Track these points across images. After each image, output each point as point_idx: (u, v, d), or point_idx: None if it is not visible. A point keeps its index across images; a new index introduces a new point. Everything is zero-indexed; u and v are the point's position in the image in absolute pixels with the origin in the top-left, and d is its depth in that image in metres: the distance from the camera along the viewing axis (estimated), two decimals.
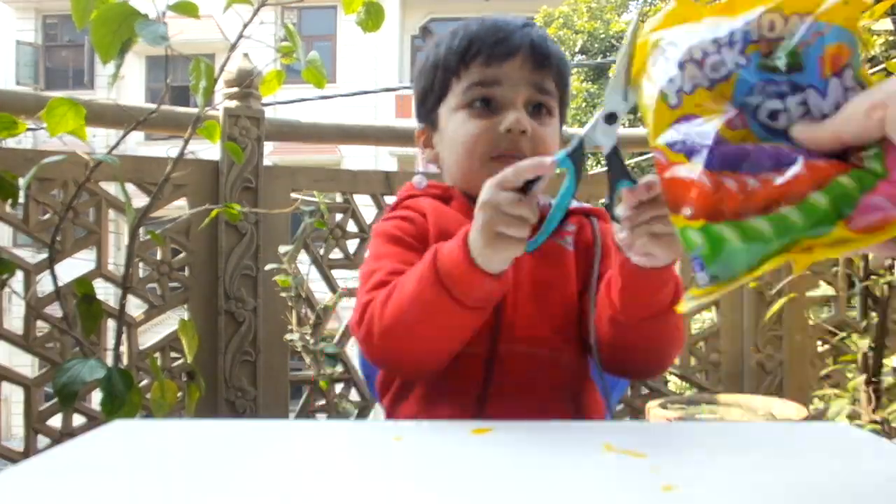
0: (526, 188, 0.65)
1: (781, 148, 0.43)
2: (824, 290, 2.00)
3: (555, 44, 0.93)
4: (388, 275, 0.81)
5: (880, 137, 0.39)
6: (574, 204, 0.92)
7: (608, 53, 9.39)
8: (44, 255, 1.51)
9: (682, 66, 0.46)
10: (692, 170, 0.45)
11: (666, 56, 0.47)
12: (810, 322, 2.12)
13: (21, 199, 1.41)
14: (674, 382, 3.32)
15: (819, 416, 2.00)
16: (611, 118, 0.64)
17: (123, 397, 1.19)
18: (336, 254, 1.98)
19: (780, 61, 0.43)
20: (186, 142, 1.41)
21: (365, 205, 1.99)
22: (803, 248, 0.42)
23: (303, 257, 1.93)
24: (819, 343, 2.14)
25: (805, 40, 0.42)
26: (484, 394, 0.83)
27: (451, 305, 0.72)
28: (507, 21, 0.91)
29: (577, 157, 0.65)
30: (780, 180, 0.42)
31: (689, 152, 0.45)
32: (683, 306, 0.48)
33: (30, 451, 1.65)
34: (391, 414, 0.91)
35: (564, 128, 1.01)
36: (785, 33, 0.43)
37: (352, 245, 2.00)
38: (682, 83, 0.46)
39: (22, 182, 1.26)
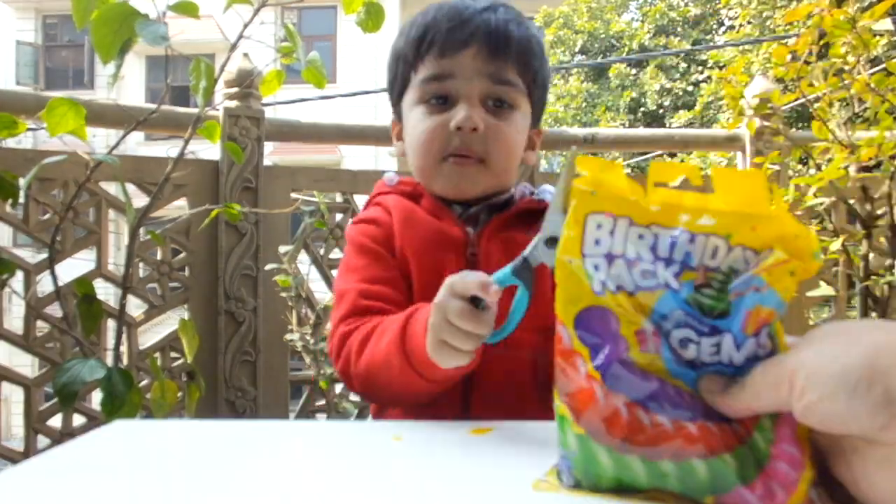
0: (476, 301, 0.64)
1: (685, 394, 0.40)
2: (824, 290, 2.00)
3: (521, 26, 0.87)
4: (358, 297, 0.82)
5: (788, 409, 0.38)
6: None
7: (608, 53, 9.40)
8: (44, 255, 1.51)
9: (610, 259, 0.42)
10: (590, 376, 0.42)
11: (598, 237, 0.42)
12: (810, 322, 2.12)
13: (21, 199, 1.41)
14: None
15: None
16: (551, 242, 0.62)
17: (123, 397, 1.19)
18: (336, 254, 1.98)
19: (710, 304, 0.40)
20: (186, 142, 1.41)
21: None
22: (675, 498, 0.40)
23: (303, 257, 1.93)
24: None
25: (740, 290, 0.39)
26: (467, 396, 0.82)
27: (417, 378, 0.71)
28: (467, 5, 0.85)
29: (524, 272, 0.64)
30: (669, 429, 0.40)
31: (593, 353, 0.42)
32: (537, 486, 0.45)
33: (30, 451, 1.65)
34: (378, 417, 0.90)
35: (565, 128, 0.99)
36: (724, 264, 0.40)
37: None
38: (606, 277, 0.42)
39: (22, 182, 1.26)
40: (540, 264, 0.64)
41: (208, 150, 1.69)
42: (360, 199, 1.99)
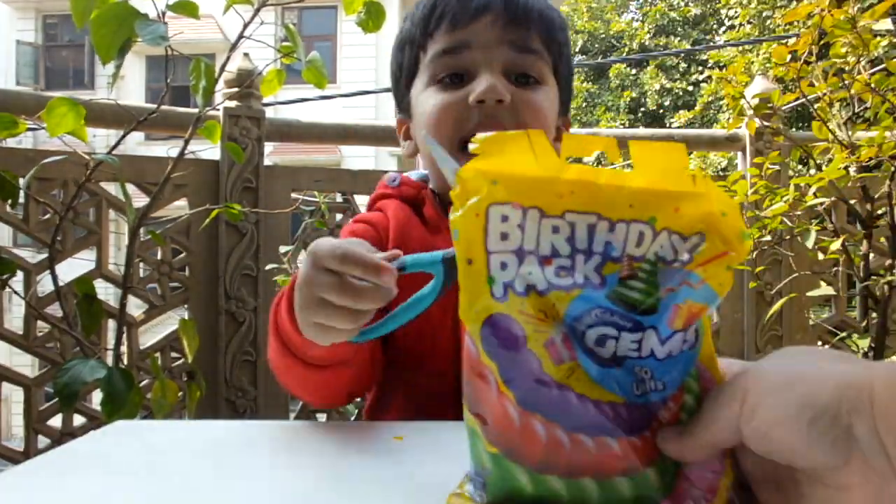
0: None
1: (606, 407, 0.36)
2: (824, 290, 2.00)
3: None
4: None
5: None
6: None
7: (608, 53, 9.39)
8: (44, 255, 1.51)
9: (522, 256, 0.36)
10: (502, 393, 0.37)
11: (505, 231, 0.36)
12: (810, 322, 2.12)
13: (21, 199, 1.41)
14: None
15: None
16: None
17: (124, 397, 1.19)
18: None
19: (638, 298, 0.36)
20: (187, 142, 1.41)
21: (365, 205, 1.99)
22: None
23: (303, 257, 1.93)
24: (819, 343, 2.14)
25: (672, 287, 0.35)
26: (459, 411, 0.80)
27: (303, 367, 0.62)
28: None
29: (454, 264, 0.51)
30: (591, 448, 0.36)
31: (502, 369, 0.37)
32: (450, 501, 0.40)
33: (30, 451, 1.65)
34: (371, 419, 0.85)
35: (570, 129, 0.90)
36: (650, 252, 0.36)
37: None
38: (515, 277, 0.36)
39: (22, 182, 1.26)
40: None
41: (209, 150, 1.69)
42: (360, 199, 1.99)
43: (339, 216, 1.97)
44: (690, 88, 8.56)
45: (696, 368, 0.38)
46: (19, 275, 1.50)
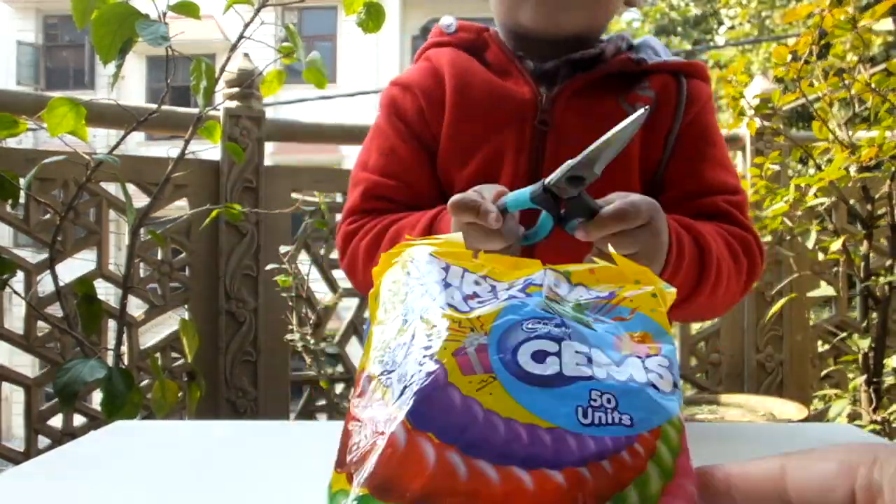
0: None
1: (523, 429, 0.28)
2: (825, 290, 2.00)
3: None
4: (364, 196, 0.79)
5: None
6: (662, 57, 0.77)
7: None
8: (44, 255, 1.51)
9: (445, 284, 0.35)
10: (387, 416, 0.30)
11: (428, 268, 0.36)
12: (811, 322, 2.12)
13: (22, 199, 1.41)
14: None
15: (819, 416, 2.00)
16: (575, 180, 0.52)
17: (124, 397, 1.19)
18: (336, 254, 1.98)
19: (568, 312, 0.33)
20: (187, 142, 1.41)
21: None
22: None
23: (303, 257, 1.93)
24: (819, 343, 2.14)
25: (598, 318, 0.34)
26: None
27: None
28: None
29: (546, 201, 0.52)
30: (494, 480, 0.27)
31: (395, 388, 0.31)
32: None
33: (30, 451, 1.65)
34: None
35: None
36: (569, 297, 0.35)
37: None
38: (434, 298, 0.34)
39: (23, 182, 1.26)
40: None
41: (209, 150, 1.69)
42: None
43: (339, 216, 1.97)
44: None
45: (680, 421, 0.31)
46: (20, 275, 1.51)
